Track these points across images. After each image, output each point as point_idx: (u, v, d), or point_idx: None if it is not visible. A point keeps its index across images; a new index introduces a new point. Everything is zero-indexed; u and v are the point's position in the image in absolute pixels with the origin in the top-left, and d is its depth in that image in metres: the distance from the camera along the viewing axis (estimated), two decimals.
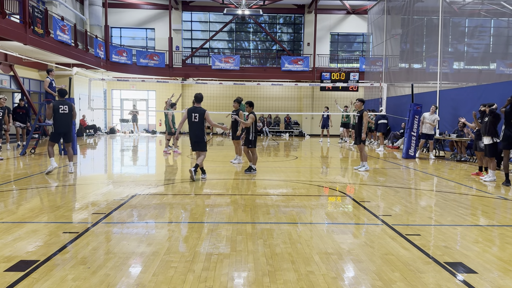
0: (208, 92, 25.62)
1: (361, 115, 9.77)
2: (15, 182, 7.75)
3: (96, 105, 23.91)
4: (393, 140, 17.87)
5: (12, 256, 3.73)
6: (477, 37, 19.01)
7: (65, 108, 8.72)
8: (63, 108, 8.71)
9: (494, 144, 8.45)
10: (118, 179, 8.46)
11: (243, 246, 4.11)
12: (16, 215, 5.20)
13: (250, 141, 9.36)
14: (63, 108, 8.69)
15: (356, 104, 10.04)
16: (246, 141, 9.46)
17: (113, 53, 23.33)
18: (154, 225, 4.92)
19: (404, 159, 12.87)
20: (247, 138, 9.46)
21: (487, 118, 8.56)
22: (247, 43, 29.39)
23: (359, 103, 9.94)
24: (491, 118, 8.42)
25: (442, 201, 6.57)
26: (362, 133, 9.70)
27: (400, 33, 20.69)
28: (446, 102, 14.38)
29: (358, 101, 10.01)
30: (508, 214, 5.84)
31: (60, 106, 8.69)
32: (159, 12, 27.26)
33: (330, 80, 24.16)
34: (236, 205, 6.01)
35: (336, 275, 3.41)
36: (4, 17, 13.18)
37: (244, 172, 9.25)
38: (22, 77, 19.40)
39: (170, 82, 24.71)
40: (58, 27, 16.92)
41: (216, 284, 3.20)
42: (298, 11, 28.26)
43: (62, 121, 8.72)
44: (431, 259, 3.81)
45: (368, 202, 6.32)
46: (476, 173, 9.47)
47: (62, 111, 8.68)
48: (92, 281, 3.22)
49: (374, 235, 4.59)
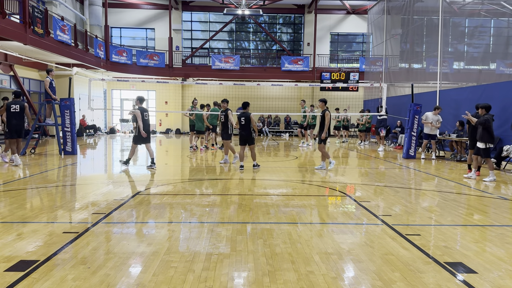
0: (208, 92, 25.66)
1: (324, 115, 9.79)
2: (15, 182, 7.75)
3: (96, 105, 23.91)
4: (393, 140, 17.86)
5: (12, 256, 3.73)
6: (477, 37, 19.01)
7: (16, 108, 9.98)
8: (15, 107, 9.98)
9: (487, 148, 8.59)
10: (118, 179, 8.46)
11: (243, 246, 4.11)
12: (16, 215, 5.20)
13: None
14: (14, 107, 9.95)
15: (319, 104, 10.05)
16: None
17: (113, 53, 23.34)
18: (154, 225, 4.92)
19: (404, 159, 12.86)
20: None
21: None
22: (247, 43, 29.40)
23: (321, 103, 9.98)
24: (482, 128, 8.54)
25: (442, 201, 6.57)
26: (323, 132, 9.76)
27: (400, 33, 20.69)
28: (446, 102, 14.37)
29: (320, 101, 10.04)
30: (508, 214, 5.84)
31: (12, 106, 9.94)
32: (159, 12, 27.26)
33: (330, 80, 24.14)
34: (236, 205, 6.01)
35: (336, 275, 3.41)
36: (4, 17, 13.19)
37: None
38: (22, 77, 19.40)
39: (170, 82, 24.71)
40: (58, 27, 16.92)
41: (216, 284, 3.20)
42: (298, 11, 28.26)
43: (14, 119, 9.95)
44: (431, 259, 3.81)
45: (368, 202, 6.32)
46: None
47: (13, 110, 9.93)
48: (92, 281, 3.22)
49: (374, 235, 4.59)
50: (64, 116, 12.67)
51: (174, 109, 26.04)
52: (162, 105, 26.76)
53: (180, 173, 9.72)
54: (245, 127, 9.99)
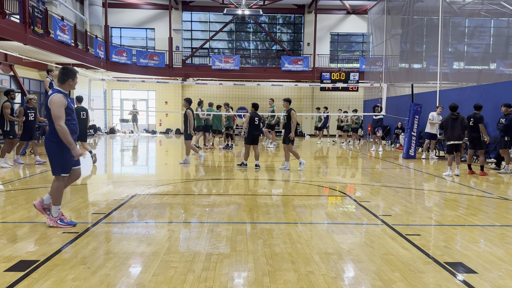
0: (208, 92, 25.64)
1: (289, 114, 9.76)
2: (15, 182, 7.75)
3: (96, 105, 23.89)
4: (396, 141, 17.84)
5: (12, 256, 3.73)
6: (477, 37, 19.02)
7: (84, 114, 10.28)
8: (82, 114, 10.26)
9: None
10: (118, 179, 8.46)
11: (243, 246, 4.11)
12: (16, 215, 5.20)
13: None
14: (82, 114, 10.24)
15: (283, 104, 10.02)
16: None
17: (113, 53, 23.33)
18: (154, 225, 4.92)
19: (404, 159, 12.86)
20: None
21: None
22: (247, 43, 29.40)
23: (285, 103, 9.96)
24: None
25: (442, 201, 6.58)
26: (291, 132, 9.74)
27: (400, 33, 20.69)
28: (446, 102, 14.32)
29: (284, 101, 10.01)
30: (508, 214, 5.84)
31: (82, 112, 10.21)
32: (159, 12, 27.26)
33: (330, 80, 24.15)
34: (236, 205, 6.01)
35: (336, 275, 3.41)
36: (4, 17, 13.18)
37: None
38: (22, 77, 19.39)
39: (170, 82, 24.71)
40: (58, 27, 16.91)
41: (216, 284, 3.20)
42: (298, 11, 28.26)
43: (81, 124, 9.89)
44: (431, 259, 3.81)
45: (368, 202, 6.32)
46: (469, 172, 9.64)
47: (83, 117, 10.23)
48: (92, 281, 3.22)
49: (374, 235, 4.59)
50: None
51: (174, 109, 26.02)
52: (162, 105, 26.75)
53: (180, 173, 9.72)
54: (258, 127, 10.38)
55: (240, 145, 17.00)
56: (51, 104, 4.37)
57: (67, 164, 4.60)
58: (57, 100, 4.40)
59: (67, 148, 4.46)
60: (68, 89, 4.65)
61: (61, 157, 4.52)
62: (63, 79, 4.59)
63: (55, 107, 4.37)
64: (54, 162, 4.57)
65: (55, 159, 4.55)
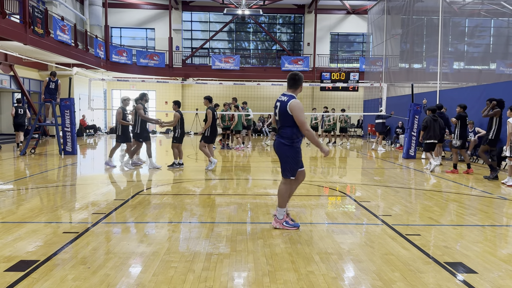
0: (208, 92, 25.58)
1: (207, 112, 9.80)
2: (15, 182, 7.75)
3: (96, 105, 23.91)
4: (396, 141, 17.85)
5: (12, 256, 3.73)
6: (477, 37, 19.01)
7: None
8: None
9: None
10: (118, 179, 8.46)
11: (243, 246, 4.11)
12: (16, 215, 5.20)
13: (176, 138, 9.97)
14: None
15: (204, 101, 9.99)
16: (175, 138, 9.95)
17: (113, 53, 23.34)
18: (154, 225, 4.92)
19: (404, 159, 12.86)
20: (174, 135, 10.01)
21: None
22: (247, 43, 29.39)
23: (205, 101, 9.96)
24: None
25: (442, 201, 6.58)
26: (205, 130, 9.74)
27: (400, 33, 20.69)
28: (446, 102, 14.35)
29: (204, 98, 9.98)
30: (508, 214, 5.84)
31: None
32: (159, 12, 27.26)
33: (330, 80, 24.16)
34: (236, 205, 6.01)
35: (336, 275, 3.41)
36: (4, 17, 13.19)
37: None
38: (22, 77, 19.40)
39: (170, 82, 24.71)
40: (58, 27, 16.92)
41: (216, 284, 3.20)
42: (298, 11, 28.26)
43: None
44: (431, 259, 3.81)
45: (368, 202, 6.32)
46: (451, 171, 9.79)
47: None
48: (92, 281, 3.22)
49: (374, 235, 4.59)
50: (64, 116, 12.67)
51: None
52: (162, 105, 26.74)
53: (180, 173, 9.71)
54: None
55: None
56: (294, 110, 4.49)
57: (297, 167, 4.72)
58: (300, 106, 4.54)
59: (299, 152, 4.66)
60: (298, 93, 4.79)
61: (293, 161, 4.63)
62: (297, 85, 4.76)
63: (299, 113, 4.51)
64: (287, 165, 4.68)
65: (289, 163, 4.66)
